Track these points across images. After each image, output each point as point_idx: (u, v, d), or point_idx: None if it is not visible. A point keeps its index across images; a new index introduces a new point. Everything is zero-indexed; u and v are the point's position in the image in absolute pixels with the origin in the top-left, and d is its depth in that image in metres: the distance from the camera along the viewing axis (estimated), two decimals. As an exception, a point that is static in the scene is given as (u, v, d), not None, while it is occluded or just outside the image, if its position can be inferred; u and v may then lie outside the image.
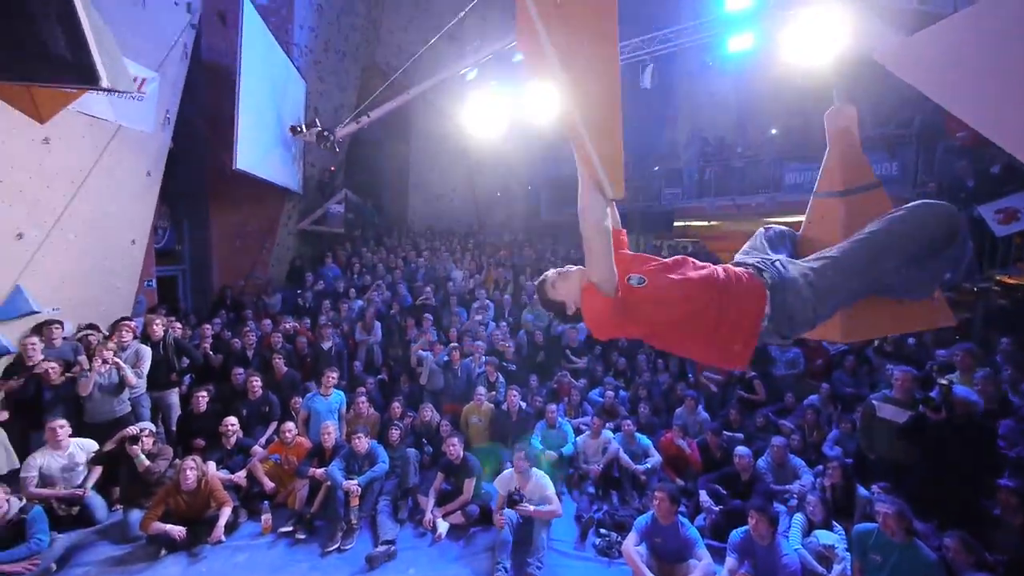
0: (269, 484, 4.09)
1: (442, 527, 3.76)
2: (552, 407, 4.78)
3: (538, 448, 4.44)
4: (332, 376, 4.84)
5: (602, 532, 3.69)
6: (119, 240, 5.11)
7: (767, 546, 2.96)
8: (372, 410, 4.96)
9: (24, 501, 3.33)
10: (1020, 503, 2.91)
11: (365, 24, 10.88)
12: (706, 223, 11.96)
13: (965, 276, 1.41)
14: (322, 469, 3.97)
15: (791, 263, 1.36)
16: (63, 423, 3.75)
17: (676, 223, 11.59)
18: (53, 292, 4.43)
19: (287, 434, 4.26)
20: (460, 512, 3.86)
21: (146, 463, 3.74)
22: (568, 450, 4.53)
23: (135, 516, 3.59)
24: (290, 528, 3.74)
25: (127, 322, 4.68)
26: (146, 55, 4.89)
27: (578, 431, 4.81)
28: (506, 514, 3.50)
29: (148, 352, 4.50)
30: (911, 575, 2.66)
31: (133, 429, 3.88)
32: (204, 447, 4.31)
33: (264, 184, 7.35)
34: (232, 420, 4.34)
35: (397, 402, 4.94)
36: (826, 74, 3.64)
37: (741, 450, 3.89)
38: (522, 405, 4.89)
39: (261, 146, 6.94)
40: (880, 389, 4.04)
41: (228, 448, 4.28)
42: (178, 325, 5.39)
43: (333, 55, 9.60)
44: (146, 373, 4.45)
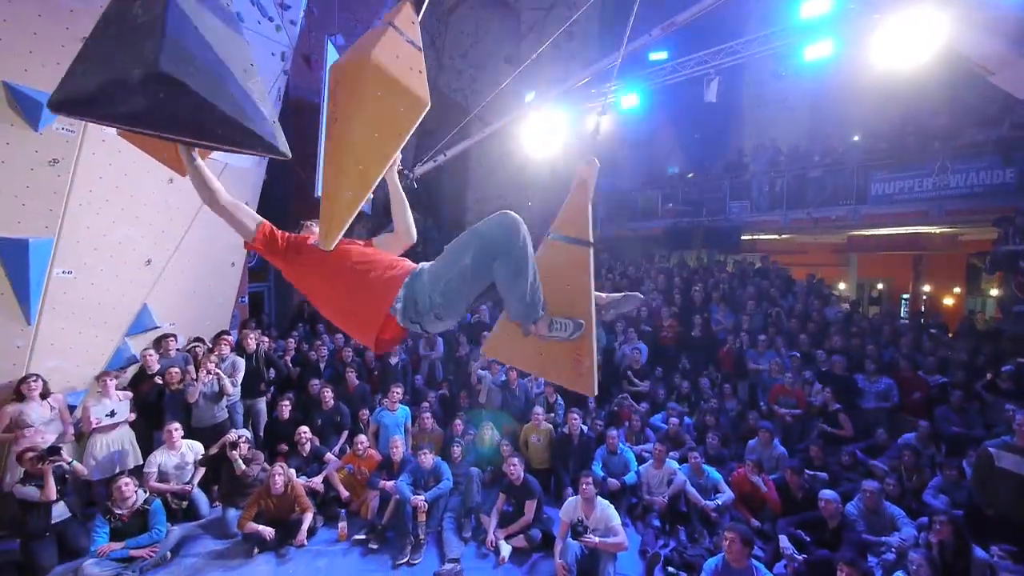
0: (345, 493, 4.38)
1: (505, 550, 3.82)
2: (613, 432, 4.70)
3: (600, 475, 4.36)
4: (397, 392, 5.11)
5: (670, 571, 3.55)
6: (222, 262, 5.79)
7: (859, 605, 2.71)
8: (436, 426, 5.16)
9: (147, 494, 3.84)
10: None
11: (430, 53, 11.52)
12: (777, 235, 11.19)
13: (526, 311, 1.49)
14: (391, 482, 4.19)
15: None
16: (178, 426, 4.32)
17: (743, 237, 10.94)
18: (170, 310, 5.11)
19: (359, 446, 4.55)
20: (523, 536, 3.90)
21: (243, 467, 4.18)
22: (631, 479, 4.42)
23: (232, 515, 4.03)
24: (363, 536, 3.99)
25: (226, 336, 5.31)
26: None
27: (640, 459, 4.68)
28: (569, 546, 3.46)
29: (242, 363, 5.06)
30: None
31: (233, 435, 4.35)
32: (286, 452, 4.72)
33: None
34: (305, 429, 4.70)
35: (459, 419, 5.10)
36: (924, 78, 3.38)
37: (828, 493, 3.55)
38: (583, 428, 4.85)
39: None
40: (997, 433, 3.57)
41: (304, 455, 4.65)
42: (266, 339, 5.97)
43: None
44: (240, 382, 4.99)
